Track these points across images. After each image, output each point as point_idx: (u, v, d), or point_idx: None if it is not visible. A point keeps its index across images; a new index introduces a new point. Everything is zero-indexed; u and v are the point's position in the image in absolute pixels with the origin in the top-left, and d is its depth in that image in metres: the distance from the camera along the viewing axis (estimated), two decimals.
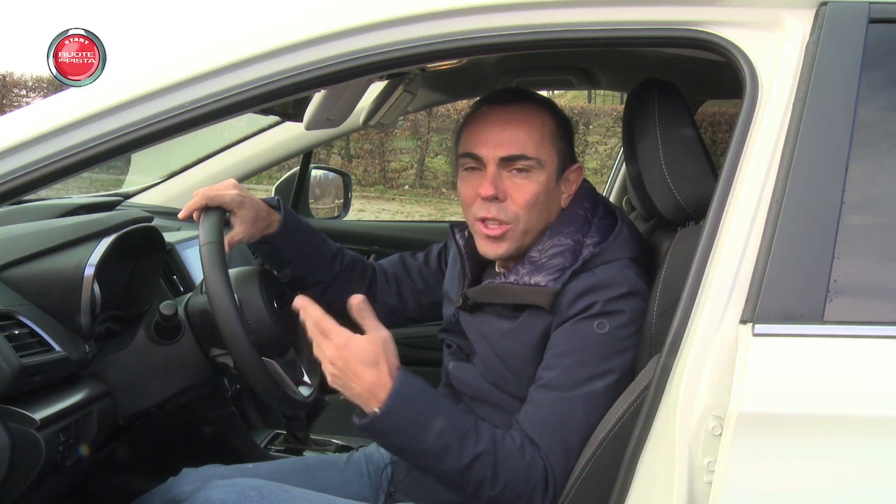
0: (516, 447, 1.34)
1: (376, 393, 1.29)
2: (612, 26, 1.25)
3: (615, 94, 8.62)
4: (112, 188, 3.04)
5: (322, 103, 1.87)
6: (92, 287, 1.58)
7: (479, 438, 1.32)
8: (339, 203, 3.26)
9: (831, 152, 1.15)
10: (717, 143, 4.52)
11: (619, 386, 1.35)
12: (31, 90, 14.19)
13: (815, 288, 1.12)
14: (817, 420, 1.10)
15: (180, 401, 1.79)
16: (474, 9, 1.24)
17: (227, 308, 1.44)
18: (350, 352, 1.29)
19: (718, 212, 1.18)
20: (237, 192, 1.60)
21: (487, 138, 1.46)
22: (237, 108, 1.27)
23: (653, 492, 1.19)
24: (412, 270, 1.84)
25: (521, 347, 1.44)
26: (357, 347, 1.29)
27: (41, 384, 1.47)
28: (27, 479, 1.40)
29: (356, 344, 1.30)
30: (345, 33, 1.24)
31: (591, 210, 1.51)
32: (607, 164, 12.15)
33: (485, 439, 1.32)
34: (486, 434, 1.33)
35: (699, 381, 1.13)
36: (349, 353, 1.29)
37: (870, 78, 1.17)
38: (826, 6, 1.20)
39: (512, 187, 1.46)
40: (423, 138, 14.18)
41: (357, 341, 1.30)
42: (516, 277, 1.45)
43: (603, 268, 1.42)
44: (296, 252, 1.72)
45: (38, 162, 1.23)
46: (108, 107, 1.24)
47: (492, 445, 1.32)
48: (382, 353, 1.30)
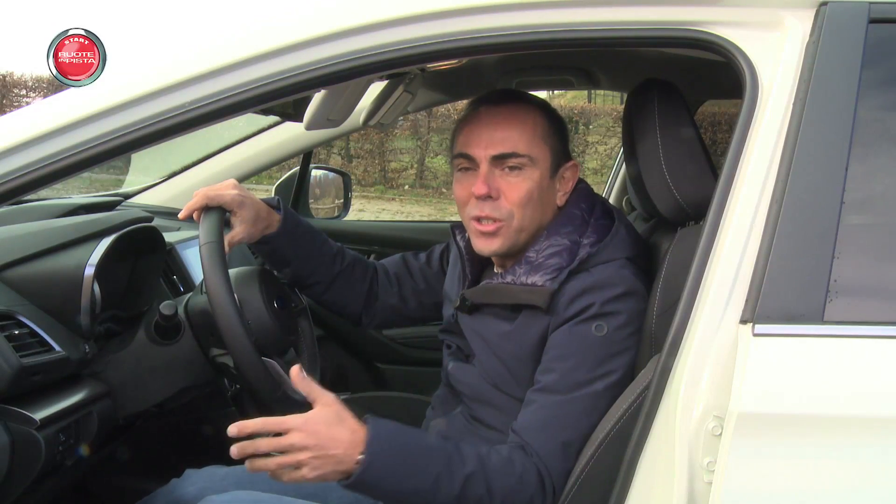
0: (504, 459, 1.34)
1: (355, 447, 1.28)
2: (612, 26, 1.25)
3: (615, 94, 8.62)
4: (112, 188, 3.04)
5: (322, 103, 1.87)
6: (92, 287, 1.59)
7: (465, 459, 1.32)
8: (339, 203, 3.26)
9: (831, 152, 1.15)
10: (717, 143, 4.52)
11: (618, 387, 1.35)
12: (31, 90, 14.18)
13: (815, 288, 1.12)
14: (817, 420, 1.10)
15: (180, 401, 1.79)
16: (474, 9, 1.24)
17: (227, 308, 1.44)
18: (312, 423, 1.28)
19: (718, 212, 1.18)
20: (237, 192, 1.60)
21: (479, 138, 1.47)
22: (237, 108, 1.27)
23: (653, 492, 1.19)
24: (414, 270, 1.84)
25: (519, 349, 1.44)
26: (317, 416, 1.29)
27: (41, 384, 1.47)
28: (27, 479, 1.40)
29: (314, 415, 1.29)
30: (345, 33, 1.24)
31: (589, 210, 1.51)
32: (607, 164, 12.15)
33: (470, 459, 1.32)
34: (471, 454, 1.33)
35: (699, 382, 1.13)
36: (313, 426, 1.27)
37: (870, 78, 1.17)
38: (826, 6, 1.20)
39: (505, 185, 1.46)
40: (423, 138, 14.18)
41: (313, 413, 1.29)
42: (513, 277, 1.45)
43: (600, 268, 1.42)
44: (296, 252, 1.72)
45: (38, 162, 1.23)
46: (108, 107, 1.24)
47: (479, 464, 1.32)
48: (341, 410, 1.30)
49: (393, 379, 2.93)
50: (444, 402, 1.62)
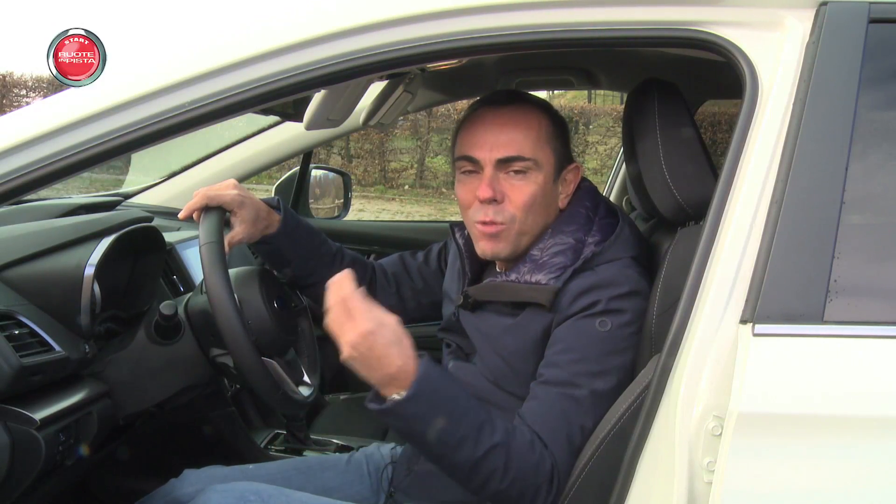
0: (527, 441, 1.32)
1: (399, 378, 1.25)
2: (612, 26, 1.25)
3: (615, 94, 8.63)
4: (112, 188, 3.04)
5: (322, 103, 1.87)
6: (92, 287, 1.58)
7: (495, 430, 1.30)
8: (339, 203, 3.26)
9: (831, 152, 1.15)
10: (717, 143, 4.52)
11: (620, 385, 1.35)
12: (31, 90, 14.19)
13: (815, 288, 1.12)
14: (817, 420, 1.10)
15: (180, 401, 1.79)
16: (474, 9, 1.24)
17: (227, 308, 1.44)
18: (376, 338, 1.24)
19: (718, 212, 1.18)
20: (237, 192, 1.60)
21: (484, 141, 1.46)
22: (237, 108, 1.27)
23: (653, 492, 1.19)
24: (412, 270, 1.84)
25: (521, 344, 1.44)
26: (384, 331, 1.24)
27: (41, 384, 1.47)
28: (27, 479, 1.40)
29: (384, 329, 1.24)
30: (345, 33, 1.24)
31: (593, 209, 1.51)
32: (607, 164, 12.15)
33: (500, 431, 1.30)
34: (501, 426, 1.31)
35: (699, 381, 1.13)
36: (374, 340, 1.23)
37: (870, 78, 1.17)
38: (826, 6, 1.20)
39: (509, 188, 1.46)
40: (423, 138, 14.18)
41: (384, 327, 1.24)
42: (517, 275, 1.45)
43: (604, 266, 1.42)
44: (296, 252, 1.72)
45: (38, 162, 1.23)
46: (108, 107, 1.24)
47: (506, 438, 1.30)
48: (404, 337, 1.26)
49: None
50: None
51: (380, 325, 1.24)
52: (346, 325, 1.25)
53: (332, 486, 1.67)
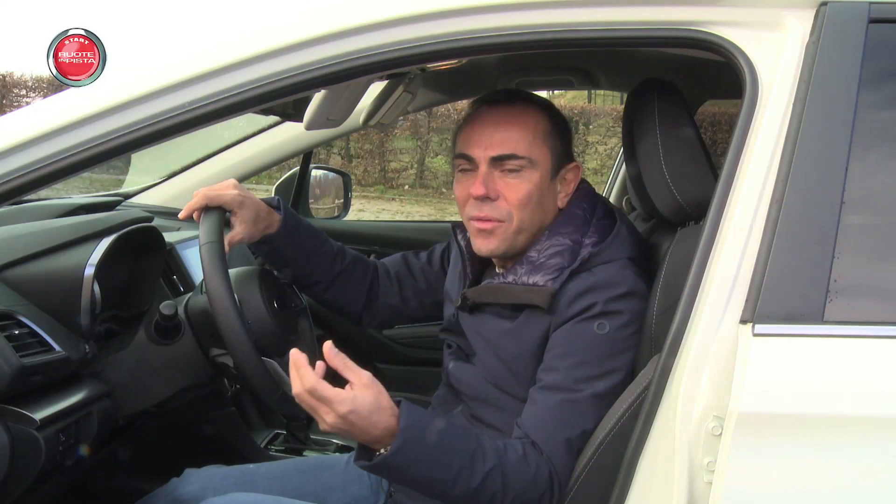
0: (520, 457, 1.33)
1: (384, 437, 1.26)
2: (612, 26, 1.25)
3: (615, 94, 8.62)
4: (112, 188, 3.04)
5: (322, 103, 1.87)
6: (92, 287, 1.59)
7: (486, 454, 1.31)
8: (339, 203, 3.25)
9: (831, 152, 1.15)
10: (717, 143, 4.52)
11: (620, 386, 1.35)
12: (31, 90, 14.18)
13: (815, 288, 1.12)
14: (817, 420, 1.10)
15: (180, 401, 1.79)
16: (474, 9, 1.24)
17: (227, 308, 1.44)
18: (356, 415, 1.24)
19: (718, 212, 1.18)
20: (237, 192, 1.60)
21: (480, 139, 1.47)
22: (237, 108, 1.27)
23: (653, 492, 1.19)
24: (415, 269, 1.84)
25: (520, 347, 1.44)
26: (361, 405, 1.24)
27: (41, 384, 1.47)
28: (27, 479, 1.40)
29: (360, 403, 1.24)
30: (345, 33, 1.24)
31: (590, 210, 1.51)
32: (607, 164, 12.15)
33: (491, 455, 1.31)
34: (491, 449, 1.32)
35: (699, 381, 1.13)
36: (354, 417, 1.24)
37: (870, 78, 1.17)
38: (826, 6, 1.20)
39: (504, 187, 1.46)
40: (423, 138, 14.18)
41: (360, 401, 1.24)
42: (514, 277, 1.45)
43: (602, 268, 1.42)
44: (296, 252, 1.72)
45: (38, 162, 1.23)
46: (108, 107, 1.24)
47: (498, 459, 1.31)
48: (379, 395, 1.27)
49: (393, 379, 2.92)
50: (445, 402, 1.62)
51: (354, 401, 1.24)
52: (321, 409, 1.25)
53: (332, 486, 1.67)
